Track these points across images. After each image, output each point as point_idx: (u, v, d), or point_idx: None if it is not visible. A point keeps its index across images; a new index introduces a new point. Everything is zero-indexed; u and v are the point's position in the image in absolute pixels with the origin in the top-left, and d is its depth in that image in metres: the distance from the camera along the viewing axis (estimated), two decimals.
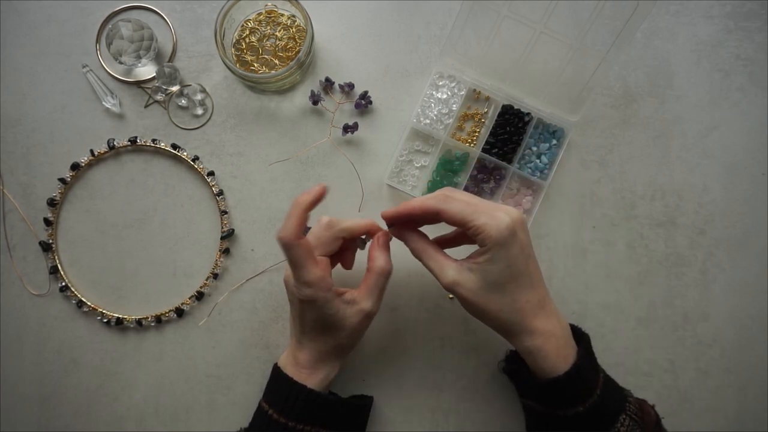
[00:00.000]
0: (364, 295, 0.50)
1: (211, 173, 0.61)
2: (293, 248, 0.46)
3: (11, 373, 0.61)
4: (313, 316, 0.50)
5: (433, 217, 0.48)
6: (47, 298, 0.61)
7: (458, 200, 0.47)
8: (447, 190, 0.49)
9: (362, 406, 0.56)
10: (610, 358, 0.62)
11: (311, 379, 0.51)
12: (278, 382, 0.52)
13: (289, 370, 0.52)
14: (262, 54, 0.62)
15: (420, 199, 0.49)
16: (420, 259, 0.50)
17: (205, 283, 0.61)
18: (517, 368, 0.56)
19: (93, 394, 0.61)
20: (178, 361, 0.61)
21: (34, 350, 0.61)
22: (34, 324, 0.61)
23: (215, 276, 0.61)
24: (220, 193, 0.61)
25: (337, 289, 0.50)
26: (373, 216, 0.62)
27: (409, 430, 0.61)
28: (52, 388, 0.61)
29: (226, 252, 0.61)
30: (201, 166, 0.61)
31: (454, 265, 0.48)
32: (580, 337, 0.51)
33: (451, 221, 0.47)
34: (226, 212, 0.61)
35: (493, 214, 0.45)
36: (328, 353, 0.52)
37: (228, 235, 0.61)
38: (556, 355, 0.47)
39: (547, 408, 0.49)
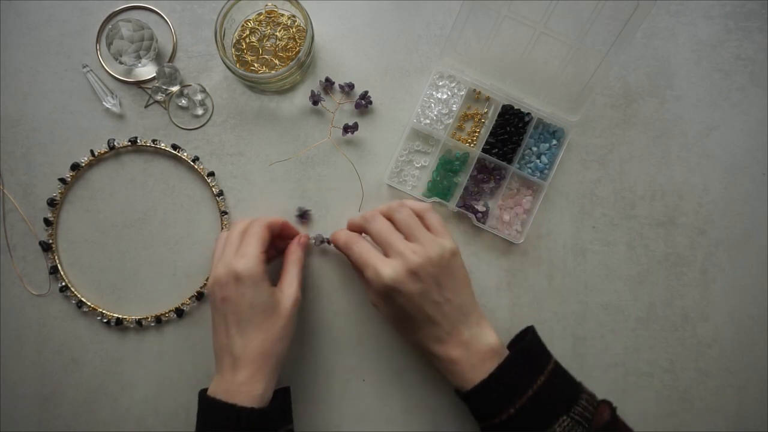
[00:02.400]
0: (287, 283, 0.53)
1: (211, 174, 0.61)
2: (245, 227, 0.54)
3: (11, 373, 0.61)
4: (247, 304, 0.50)
5: (347, 251, 0.54)
6: (47, 298, 0.61)
7: (360, 246, 0.52)
8: (372, 213, 0.54)
9: (288, 403, 0.55)
10: (610, 358, 0.62)
11: (254, 392, 0.49)
12: (213, 410, 0.49)
13: (224, 395, 0.49)
14: (262, 54, 0.62)
15: (338, 232, 0.56)
16: (356, 272, 0.56)
17: (205, 284, 0.61)
18: None
19: (93, 394, 0.61)
20: (178, 361, 0.61)
21: (34, 350, 0.61)
22: (34, 324, 0.61)
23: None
24: (220, 193, 0.61)
25: None
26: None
27: (409, 430, 0.61)
28: (52, 388, 0.61)
29: None
30: (201, 167, 0.61)
31: (371, 290, 0.53)
32: (525, 342, 0.53)
33: (353, 263, 0.54)
34: (226, 213, 0.61)
35: (378, 269, 0.50)
36: (266, 355, 0.50)
37: None
38: (461, 377, 0.50)
39: (475, 418, 0.52)
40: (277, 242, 0.58)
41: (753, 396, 0.62)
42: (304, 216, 0.61)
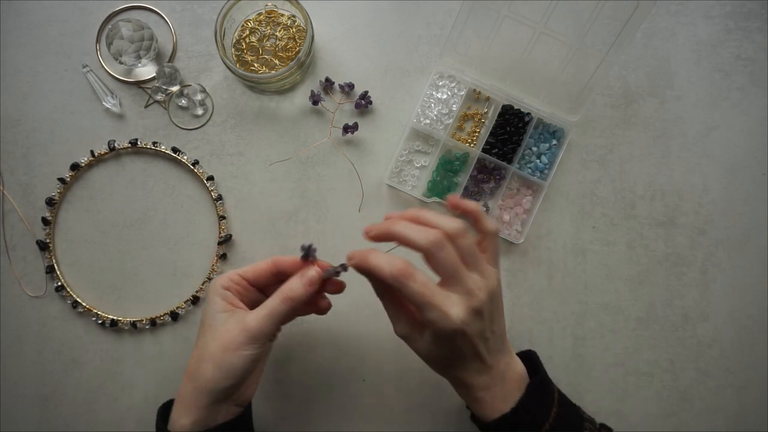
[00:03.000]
0: (254, 311, 0.45)
1: (210, 178, 0.61)
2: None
3: (11, 373, 0.61)
4: (202, 316, 0.47)
5: (391, 286, 0.43)
6: (47, 298, 0.61)
7: (417, 281, 0.42)
8: (436, 242, 0.43)
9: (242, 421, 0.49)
10: (610, 358, 0.62)
11: (176, 419, 0.45)
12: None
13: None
14: (262, 54, 0.62)
15: (378, 261, 0.43)
16: (381, 299, 0.47)
17: (201, 288, 0.61)
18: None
19: (93, 394, 0.61)
20: (177, 361, 0.61)
21: (34, 350, 0.61)
22: (34, 324, 0.61)
23: (211, 281, 0.61)
24: (219, 197, 0.61)
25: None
26: (374, 217, 0.62)
27: (409, 430, 0.61)
28: (52, 388, 0.61)
29: (223, 257, 0.61)
30: (201, 171, 0.61)
31: (409, 321, 0.46)
32: (535, 369, 0.50)
33: (407, 298, 0.43)
34: (224, 217, 0.61)
35: (446, 311, 0.42)
36: (188, 376, 0.46)
37: (225, 241, 0.61)
38: (489, 407, 0.47)
39: None
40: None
41: (753, 396, 0.62)
42: (308, 254, 0.47)
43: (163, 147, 0.61)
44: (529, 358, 0.52)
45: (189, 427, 0.45)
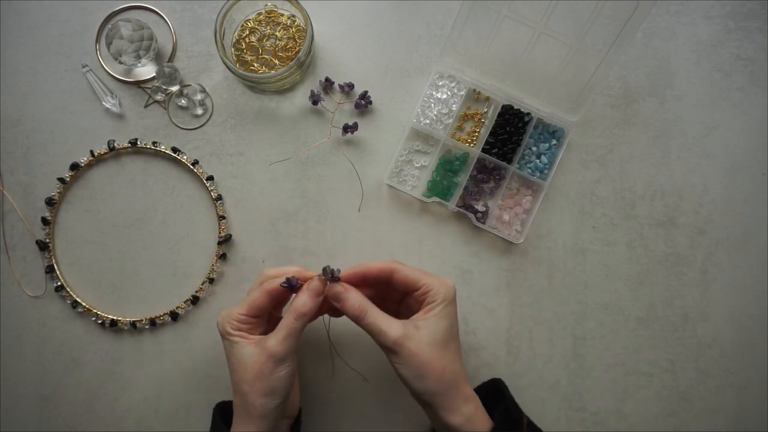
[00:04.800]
0: (272, 334, 0.48)
1: (210, 178, 0.61)
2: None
3: (11, 373, 0.61)
4: (226, 352, 0.49)
5: (387, 276, 0.50)
6: (47, 298, 0.61)
7: (408, 266, 0.50)
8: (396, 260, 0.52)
9: None
10: (610, 358, 0.62)
11: None
12: None
13: None
14: (262, 54, 0.62)
15: (374, 263, 0.51)
16: (360, 318, 0.48)
17: (201, 288, 0.61)
18: None
19: (93, 394, 0.61)
20: (177, 361, 0.61)
21: (34, 350, 0.61)
22: (34, 324, 0.61)
23: (211, 281, 0.61)
24: (219, 197, 0.61)
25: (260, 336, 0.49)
26: (374, 217, 0.62)
27: (409, 430, 0.61)
28: (52, 388, 0.61)
29: (222, 257, 0.61)
30: (200, 170, 0.61)
31: (400, 322, 0.48)
32: (498, 394, 0.52)
33: (402, 281, 0.49)
34: (224, 217, 0.61)
35: (438, 278, 0.49)
36: (243, 410, 0.48)
37: (225, 241, 0.61)
38: (481, 422, 0.48)
39: None
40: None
41: (753, 396, 0.62)
42: (291, 287, 0.49)
43: (162, 147, 0.61)
44: (494, 387, 0.54)
45: None
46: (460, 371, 0.49)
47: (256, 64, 0.62)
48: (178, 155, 0.61)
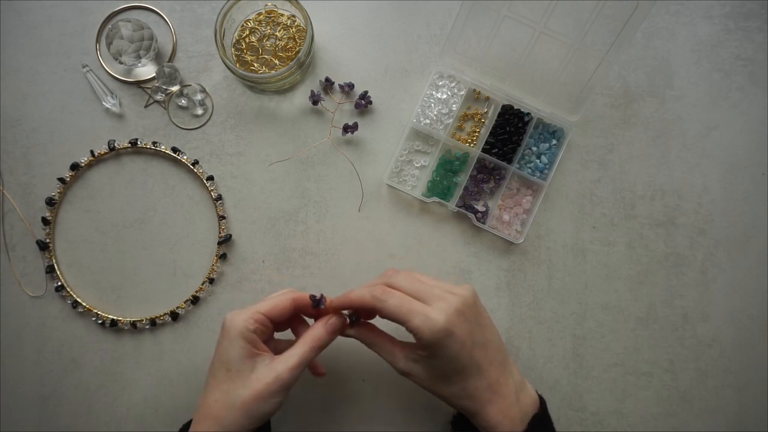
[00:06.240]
0: (283, 359, 0.46)
1: (210, 178, 0.61)
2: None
3: (11, 373, 0.61)
4: (219, 356, 0.47)
5: (370, 311, 0.47)
6: (47, 298, 0.61)
7: (395, 296, 0.45)
8: (388, 276, 0.49)
9: None
10: (610, 358, 0.62)
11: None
12: None
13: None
14: (262, 54, 0.62)
15: (358, 293, 0.47)
16: (372, 349, 0.50)
17: (201, 288, 0.61)
18: None
19: (93, 394, 0.61)
20: (177, 361, 0.61)
21: (34, 350, 0.61)
22: (34, 324, 0.61)
23: (211, 281, 0.61)
24: (219, 197, 0.61)
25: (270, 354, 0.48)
26: (374, 217, 0.62)
27: (409, 430, 0.61)
28: (52, 388, 0.61)
29: (222, 257, 0.61)
30: (200, 170, 0.61)
31: (401, 354, 0.48)
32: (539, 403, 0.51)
33: (387, 318, 0.46)
34: (224, 217, 0.61)
35: (427, 314, 0.44)
36: (212, 420, 0.46)
37: (225, 241, 0.61)
38: (510, 428, 0.46)
39: None
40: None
41: (753, 396, 0.62)
42: (318, 304, 0.50)
43: (162, 147, 0.61)
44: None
45: None
46: (474, 395, 0.46)
47: (256, 64, 0.62)
48: (178, 155, 0.61)
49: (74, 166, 0.61)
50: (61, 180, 0.61)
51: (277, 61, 0.62)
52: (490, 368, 0.47)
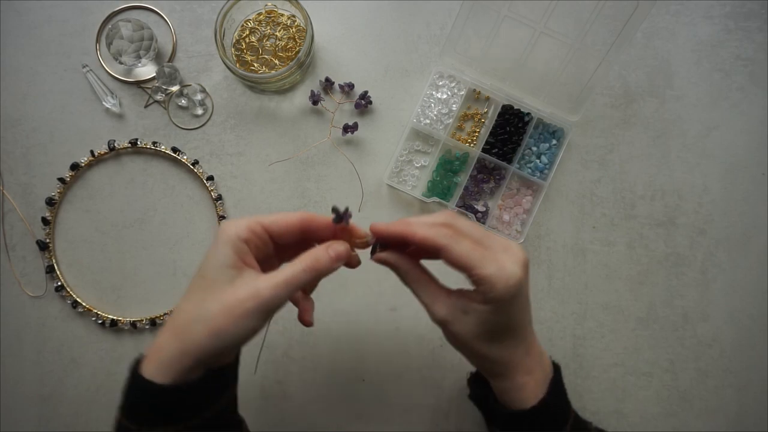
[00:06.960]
0: (268, 276, 0.39)
1: (210, 178, 0.61)
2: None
3: (11, 373, 0.61)
4: (206, 261, 0.39)
5: (433, 252, 0.40)
6: (47, 298, 0.61)
7: (465, 237, 0.39)
8: (450, 217, 0.41)
9: (214, 387, 0.41)
10: (610, 358, 0.62)
11: (156, 356, 0.38)
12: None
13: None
14: (262, 54, 0.62)
15: (421, 225, 0.40)
16: (408, 286, 0.43)
17: None
18: (483, 395, 0.49)
19: (93, 394, 0.61)
20: None
21: (34, 350, 0.61)
22: (34, 324, 0.61)
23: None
24: (219, 197, 0.61)
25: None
26: (374, 217, 0.62)
27: (409, 430, 0.61)
28: (52, 388, 0.61)
29: None
30: (200, 170, 0.61)
31: (448, 301, 0.42)
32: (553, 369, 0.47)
33: (453, 262, 0.39)
34: (224, 217, 0.61)
35: (502, 262, 0.39)
36: (187, 322, 0.38)
37: None
38: (531, 392, 0.43)
39: None
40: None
41: (753, 396, 0.62)
42: (341, 218, 0.41)
43: (162, 147, 0.61)
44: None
45: (166, 384, 0.38)
46: (512, 360, 0.42)
47: (256, 64, 0.62)
48: (178, 155, 0.61)
49: (74, 166, 0.61)
50: (61, 180, 0.61)
51: (277, 61, 0.62)
52: (528, 327, 0.43)
